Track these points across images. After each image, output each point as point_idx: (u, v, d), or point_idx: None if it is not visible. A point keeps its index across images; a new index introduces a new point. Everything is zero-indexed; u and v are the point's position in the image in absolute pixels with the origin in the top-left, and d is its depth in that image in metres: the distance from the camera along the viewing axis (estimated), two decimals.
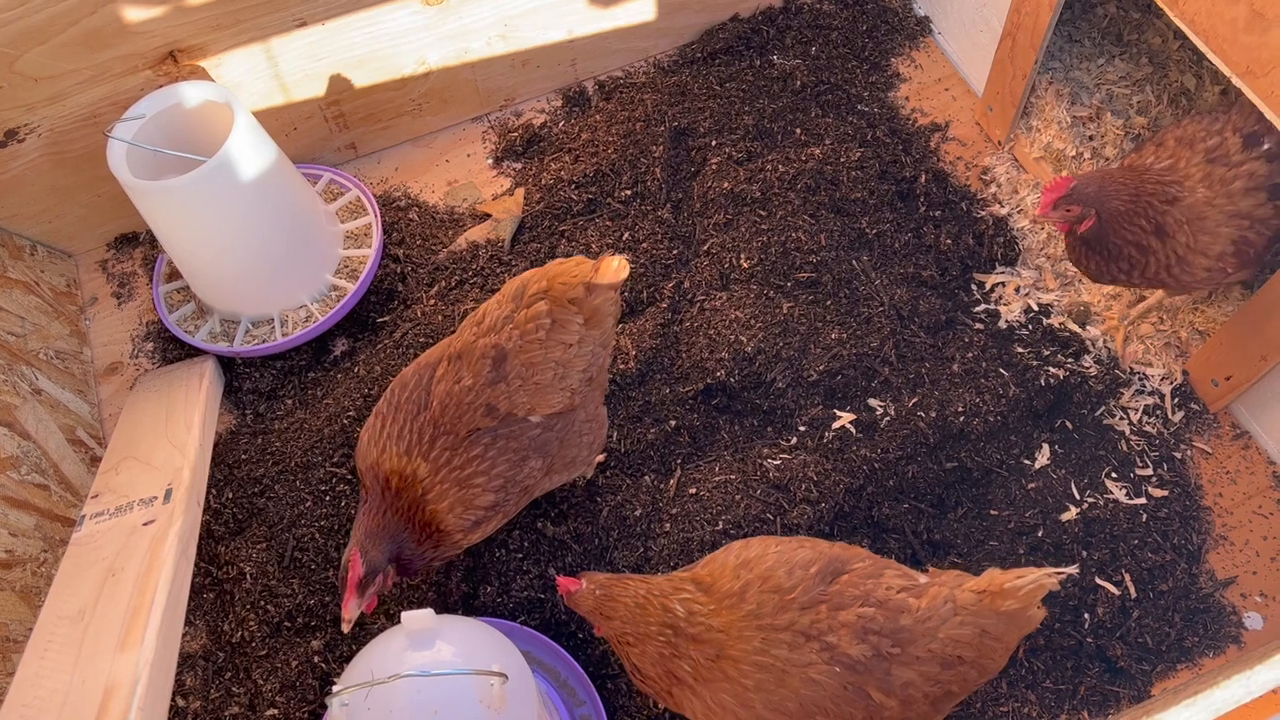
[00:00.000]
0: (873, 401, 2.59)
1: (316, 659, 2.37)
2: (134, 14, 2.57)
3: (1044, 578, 1.74)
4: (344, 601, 1.96)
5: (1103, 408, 2.56)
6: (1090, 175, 2.26)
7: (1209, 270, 2.24)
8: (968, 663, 1.75)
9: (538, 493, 2.22)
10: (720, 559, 1.92)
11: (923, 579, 1.83)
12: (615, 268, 2.03)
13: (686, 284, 2.81)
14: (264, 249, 2.72)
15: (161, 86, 2.64)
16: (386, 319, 2.89)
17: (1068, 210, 2.25)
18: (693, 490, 2.50)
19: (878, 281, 2.75)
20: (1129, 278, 2.31)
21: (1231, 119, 2.20)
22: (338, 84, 3.00)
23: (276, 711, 2.32)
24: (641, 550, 2.43)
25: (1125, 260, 2.28)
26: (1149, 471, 2.48)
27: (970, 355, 2.63)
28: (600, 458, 2.54)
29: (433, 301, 2.87)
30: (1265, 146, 2.14)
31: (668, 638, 1.82)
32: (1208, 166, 2.18)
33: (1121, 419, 2.55)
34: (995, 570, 1.79)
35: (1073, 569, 1.82)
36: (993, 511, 2.44)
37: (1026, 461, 2.50)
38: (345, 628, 1.97)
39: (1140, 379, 2.60)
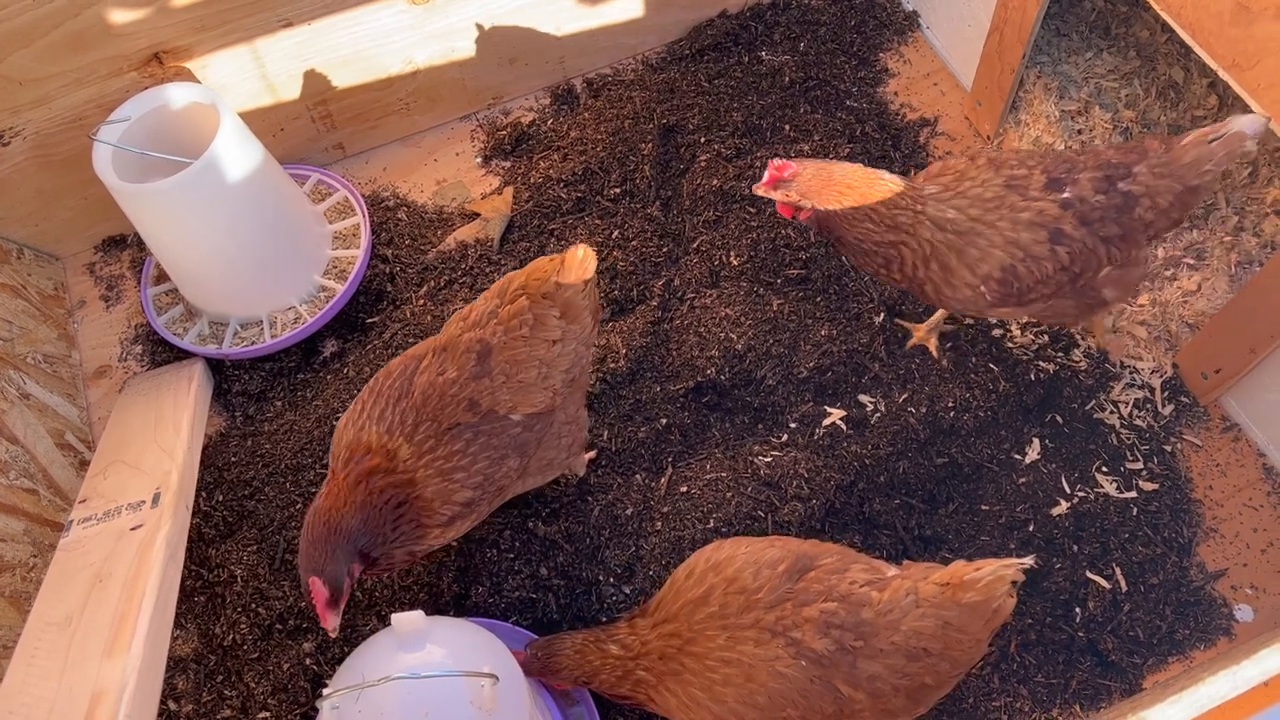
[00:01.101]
0: (863, 398, 2.59)
1: (308, 661, 2.36)
2: (118, 16, 2.56)
3: (1001, 569, 1.75)
4: (322, 620, 1.94)
5: (1093, 402, 2.56)
6: (810, 166, 2.20)
7: (971, 289, 2.20)
8: (935, 654, 1.76)
9: (510, 494, 2.21)
10: (675, 577, 1.97)
11: (891, 572, 1.84)
12: (580, 258, 2.02)
13: (676, 282, 2.81)
14: (251, 250, 2.71)
15: (147, 88, 2.63)
16: (376, 320, 2.88)
17: (787, 196, 2.20)
18: (684, 488, 2.49)
19: (867, 278, 2.74)
20: (889, 274, 2.28)
21: (1045, 161, 2.20)
22: (324, 84, 2.99)
23: (269, 714, 2.31)
24: (633, 549, 2.42)
25: (880, 258, 2.24)
26: (1139, 465, 2.48)
27: (960, 350, 2.63)
28: (591, 454, 2.53)
29: (422, 302, 2.86)
30: (1064, 194, 2.14)
31: (612, 666, 1.94)
32: (1004, 191, 2.16)
33: (1111, 413, 2.55)
34: (960, 562, 1.80)
35: (1031, 559, 1.82)
36: (983, 506, 2.44)
37: (1017, 456, 2.50)
38: (334, 634, 1.98)
39: (1130, 373, 2.60)
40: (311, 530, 1.97)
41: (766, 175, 2.20)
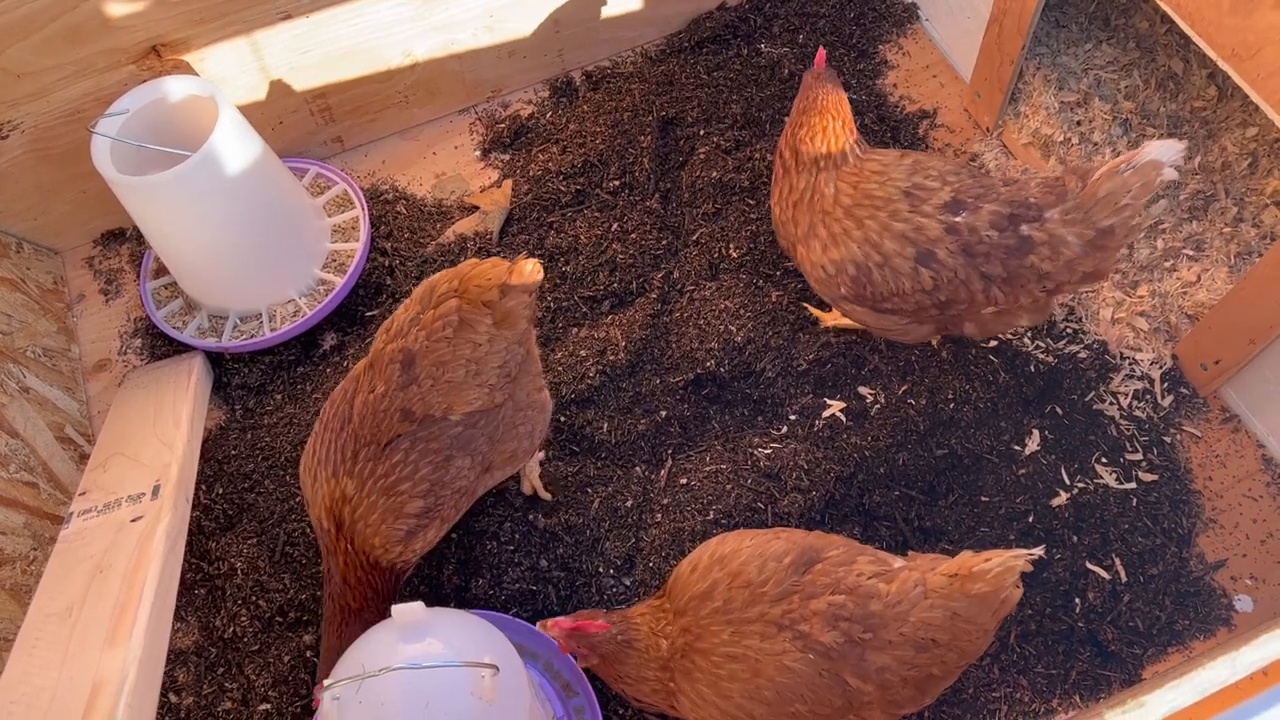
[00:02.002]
0: (863, 389, 2.59)
1: (308, 653, 2.36)
2: (116, 8, 2.56)
3: (1011, 559, 1.75)
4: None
5: (1092, 393, 2.56)
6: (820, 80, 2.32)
7: (824, 270, 2.24)
8: (943, 645, 1.76)
9: (481, 491, 2.18)
10: (680, 571, 1.95)
11: (898, 564, 1.84)
12: (530, 270, 1.98)
13: (676, 274, 2.81)
14: (250, 243, 2.71)
15: (145, 81, 2.63)
16: (375, 313, 2.88)
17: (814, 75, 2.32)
18: (684, 480, 2.49)
19: None
20: (774, 187, 2.39)
21: (964, 179, 2.16)
22: (323, 77, 2.99)
23: (269, 706, 2.32)
24: (633, 541, 2.43)
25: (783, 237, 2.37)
26: (1139, 456, 2.48)
27: (959, 342, 2.63)
28: (540, 455, 2.51)
29: None
30: (958, 218, 2.09)
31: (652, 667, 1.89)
32: (898, 195, 2.15)
33: (1111, 404, 2.55)
34: (968, 553, 1.80)
35: (1039, 550, 1.81)
36: (983, 498, 2.44)
37: (1016, 447, 2.50)
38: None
39: (1130, 364, 2.60)
40: (344, 636, 2.04)
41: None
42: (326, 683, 1.71)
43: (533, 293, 2.01)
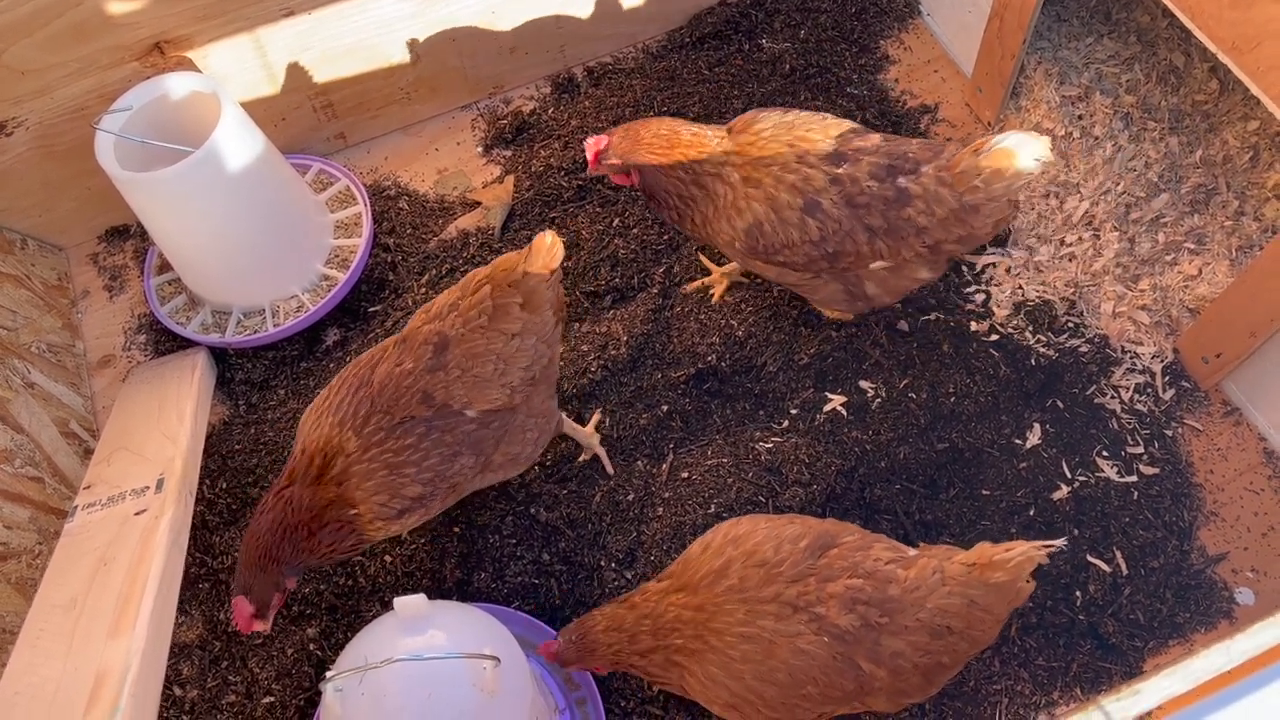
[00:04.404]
0: (864, 384, 2.59)
1: (311, 646, 2.38)
2: (119, 6, 2.57)
3: (1032, 550, 1.76)
4: (244, 629, 2.02)
5: (1093, 387, 2.56)
6: (622, 132, 2.29)
7: (730, 239, 2.27)
8: (956, 633, 1.77)
9: (467, 490, 2.20)
10: (690, 552, 1.95)
11: (912, 552, 1.85)
12: (549, 245, 2.02)
13: (677, 269, 2.81)
14: (254, 239, 2.72)
15: (148, 78, 2.64)
16: (378, 308, 2.89)
17: (611, 165, 2.30)
18: (685, 474, 2.50)
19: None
20: (681, 225, 2.37)
21: (845, 135, 2.22)
22: (326, 73, 3.00)
23: (273, 699, 2.33)
24: (634, 534, 2.43)
25: (673, 210, 2.33)
26: (1140, 449, 2.48)
27: (961, 336, 2.64)
28: (596, 417, 2.57)
29: (424, 290, 2.87)
30: (839, 169, 2.16)
31: (646, 629, 1.89)
32: (786, 150, 2.20)
33: (1112, 397, 2.55)
34: (985, 544, 1.81)
35: (1061, 542, 1.82)
36: (984, 491, 2.45)
37: (1018, 441, 2.50)
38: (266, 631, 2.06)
39: (1131, 357, 2.60)
40: (246, 553, 2.02)
41: (589, 155, 2.30)
42: (329, 674, 1.72)
43: (554, 270, 2.03)
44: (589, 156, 2.30)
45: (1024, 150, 2.03)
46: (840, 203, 2.16)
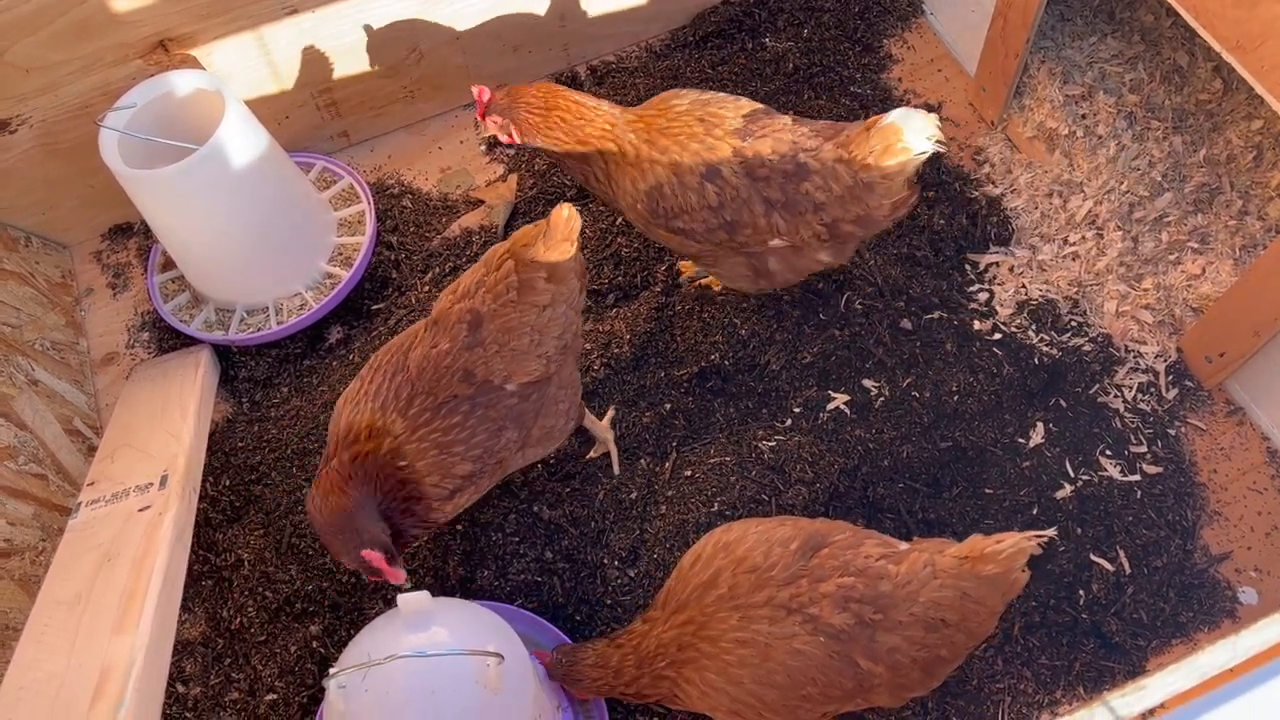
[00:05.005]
0: (867, 382, 2.59)
1: (315, 644, 2.38)
2: (123, 3, 2.57)
3: (1023, 541, 1.76)
4: (393, 578, 1.98)
5: (1097, 386, 2.56)
6: (505, 90, 2.38)
7: (632, 201, 2.31)
8: (952, 626, 1.77)
9: (512, 468, 2.21)
10: (681, 565, 1.97)
11: (904, 547, 1.85)
12: (565, 218, 2.04)
13: (679, 267, 2.81)
14: (257, 237, 2.72)
15: (152, 76, 2.64)
16: (381, 306, 2.89)
17: (496, 121, 2.38)
18: (688, 473, 2.50)
19: (871, 262, 2.75)
20: (586, 184, 2.42)
21: (758, 114, 2.27)
22: (329, 71, 3.00)
23: (276, 696, 2.33)
24: (638, 532, 2.43)
25: (576, 172, 2.40)
26: (1143, 448, 2.48)
27: (964, 335, 2.64)
28: (611, 413, 2.59)
29: (427, 288, 2.87)
30: (742, 142, 2.22)
31: (633, 664, 1.93)
32: (694, 123, 2.25)
33: (1115, 396, 2.55)
34: (978, 536, 1.81)
35: (1052, 531, 1.81)
36: (987, 490, 2.45)
37: (1021, 440, 2.50)
38: (407, 583, 2.07)
39: (1134, 356, 2.60)
40: (329, 521, 1.97)
41: (478, 105, 2.40)
42: (332, 670, 1.72)
43: (573, 241, 2.06)
44: (477, 107, 2.41)
45: (909, 125, 2.09)
46: (740, 172, 2.22)
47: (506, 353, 2.04)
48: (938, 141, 2.11)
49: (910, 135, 2.09)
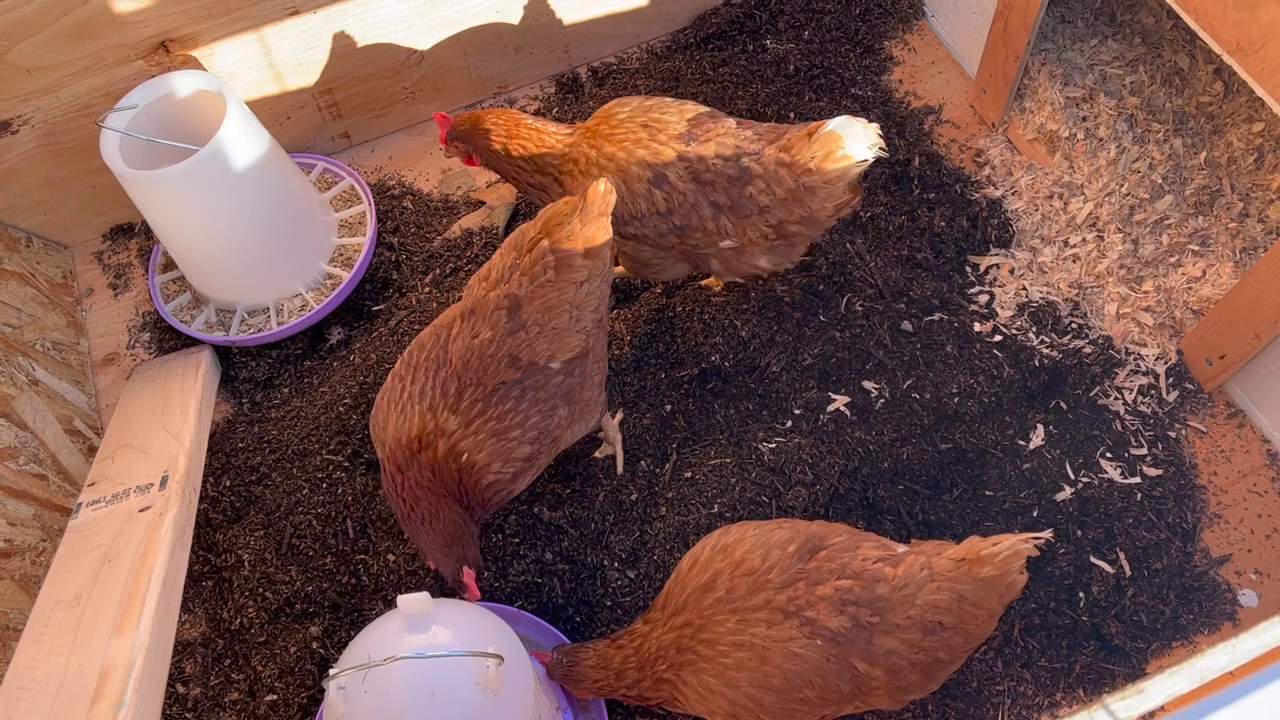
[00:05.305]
0: (867, 384, 2.59)
1: (315, 644, 2.38)
2: (125, 4, 2.57)
3: (1020, 543, 1.75)
4: (473, 595, 2.09)
5: (1097, 388, 2.56)
6: (464, 117, 2.46)
7: None
8: (950, 629, 1.76)
9: (564, 444, 2.24)
10: (680, 567, 1.98)
11: (901, 549, 1.85)
12: (602, 193, 2.05)
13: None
14: (258, 238, 2.72)
15: (154, 76, 2.64)
16: (382, 307, 2.89)
17: (458, 147, 2.46)
18: (688, 474, 2.50)
19: (872, 264, 2.75)
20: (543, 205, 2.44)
21: (701, 118, 2.29)
22: (330, 72, 3.00)
23: (276, 697, 2.33)
24: (638, 534, 2.43)
25: (536, 189, 2.44)
26: (1143, 451, 2.48)
27: (964, 336, 2.64)
28: (619, 415, 2.61)
29: (427, 289, 2.87)
30: (688, 147, 2.24)
31: (634, 666, 1.95)
32: (639, 130, 2.28)
33: (1116, 399, 2.55)
34: (975, 538, 1.81)
35: (1048, 533, 1.82)
36: (987, 492, 2.45)
37: (1021, 442, 2.50)
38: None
39: (1135, 359, 2.60)
40: (441, 537, 2.05)
41: (440, 131, 2.49)
42: (332, 671, 1.72)
43: (607, 215, 2.06)
44: (439, 132, 2.48)
45: (849, 133, 2.10)
46: (687, 177, 2.25)
47: (548, 332, 2.05)
48: (880, 149, 2.13)
49: (850, 143, 2.11)
